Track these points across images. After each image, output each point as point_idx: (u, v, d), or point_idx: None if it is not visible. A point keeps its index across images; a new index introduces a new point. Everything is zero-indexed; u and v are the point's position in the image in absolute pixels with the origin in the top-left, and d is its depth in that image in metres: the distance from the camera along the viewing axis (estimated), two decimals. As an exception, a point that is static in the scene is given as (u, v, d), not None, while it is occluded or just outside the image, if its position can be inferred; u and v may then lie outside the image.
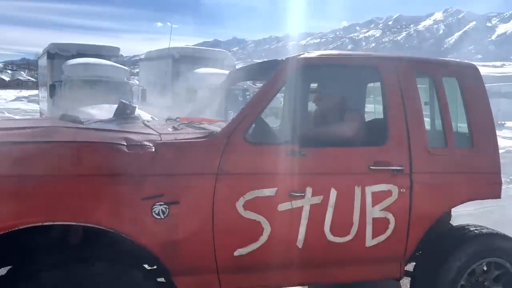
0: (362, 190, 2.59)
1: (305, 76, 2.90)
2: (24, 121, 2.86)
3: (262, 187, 2.42)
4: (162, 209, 2.26)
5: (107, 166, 2.21)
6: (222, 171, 2.37)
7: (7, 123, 2.73)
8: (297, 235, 2.50)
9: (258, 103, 2.52)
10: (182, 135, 2.50)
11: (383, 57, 2.87)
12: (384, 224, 2.65)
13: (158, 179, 2.27)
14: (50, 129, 2.43)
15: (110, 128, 2.64)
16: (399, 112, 2.72)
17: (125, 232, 2.21)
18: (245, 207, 2.39)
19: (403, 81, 2.76)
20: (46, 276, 2.04)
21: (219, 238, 2.37)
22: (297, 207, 2.49)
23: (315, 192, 2.51)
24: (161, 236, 2.27)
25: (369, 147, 2.69)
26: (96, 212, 2.15)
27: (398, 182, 2.66)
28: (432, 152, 2.76)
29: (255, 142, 2.49)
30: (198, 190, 2.32)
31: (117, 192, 2.19)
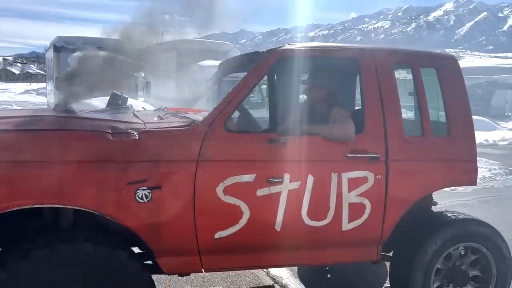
0: (338, 176, 2.70)
1: (285, 68, 3.01)
2: (17, 111, 3.01)
3: (241, 173, 2.55)
4: (145, 194, 2.40)
5: (93, 152, 2.35)
6: (203, 157, 2.50)
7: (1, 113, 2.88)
8: (275, 219, 2.63)
9: (238, 94, 2.63)
10: (165, 124, 2.63)
11: (361, 49, 2.97)
12: (360, 209, 2.77)
13: (141, 165, 2.41)
14: (38, 118, 2.57)
15: (98, 117, 2.78)
16: (376, 102, 2.82)
17: (110, 215, 2.35)
18: (225, 192, 2.52)
19: (381, 71, 2.86)
20: (35, 254, 2.19)
21: (200, 221, 2.51)
22: (276, 192, 2.61)
23: (292, 178, 2.63)
24: (145, 219, 2.41)
25: None
26: (82, 196, 2.30)
27: (374, 169, 2.77)
28: (409, 140, 2.86)
29: (234, 130, 2.62)
30: (180, 175, 2.46)
31: (102, 177, 2.33)
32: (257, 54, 2.88)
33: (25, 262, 2.17)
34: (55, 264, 2.22)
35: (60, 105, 3.15)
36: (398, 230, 2.97)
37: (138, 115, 2.99)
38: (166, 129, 2.52)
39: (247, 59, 3.21)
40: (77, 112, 3.14)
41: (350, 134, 2.74)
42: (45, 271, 2.19)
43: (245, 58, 3.29)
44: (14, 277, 2.15)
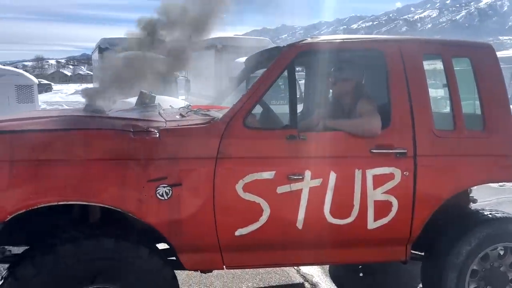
0: (362, 173, 2.61)
1: (307, 63, 2.94)
2: (46, 112, 3.13)
3: (261, 170, 2.52)
4: (165, 191, 2.42)
5: (114, 150, 2.40)
6: (222, 155, 2.49)
7: (32, 113, 3.01)
8: (296, 216, 2.58)
9: (257, 90, 2.60)
10: (185, 122, 2.65)
11: (386, 40, 2.84)
12: (387, 207, 2.66)
13: (161, 163, 2.43)
14: (64, 118, 2.66)
15: (121, 116, 2.84)
16: (402, 94, 2.70)
17: (131, 212, 2.40)
18: (245, 189, 2.50)
19: (408, 63, 2.73)
20: (60, 250, 2.27)
21: (220, 218, 2.51)
22: (296, 190, 2.56)
23: (314, 175, 2.57)
24: (165, 216, 2.44)
25: None
26: (104, 193, 2.36)
27: (401, 165, 2.65)
28: (439, 134, 2.72)
29: (254, 127, 2.59)
30: (199, 173, 2.46)
31: (123, 175, 2.38)
32: (279, 49, 2.84)
33: (51, 257, 2.26)
34: (79, 259, 2.29)
35: (90, 105, 3.25)
36: (430, 228, 2.83)
37: (162, 114, 3.03)
38: (185, 127, 2.54)
39: (271, 54, 3.16)
40: (106, 111, 3.23)
41: (376, 129, 2.64)
42: (69, 266, 2.27)
43: (269, 53, 3.24)
44: (40, 272, 2.24)
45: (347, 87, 3.02)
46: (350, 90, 3.02)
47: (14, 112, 6.65)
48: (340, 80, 3.03)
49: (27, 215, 2.34)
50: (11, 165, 2.27)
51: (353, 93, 3.01)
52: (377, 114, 2.70)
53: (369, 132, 2.64)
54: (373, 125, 2.64)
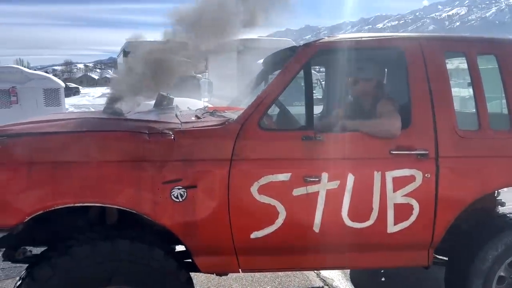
0: (382, 175, 2.53)
1: (324, 62, 2.88)
2: (64, 114, 3.17)
3: (276, 172, 2.47)
4: (180, 193, 2.41)
5: (130, 152, 2.40)
6: (237, 156, 2.46)
7: (50, 116, 3.06)
8: (313, 219, 2.53)
9: (272, 91, 2.56)
10: (200, 123, 2.63)
11: (406, 37, 2.75)
12: (407, 211, 2.57)
13: (176, 165, 2.42)
14: (81, 120, 2.68)
15: (138, 118, 2.84)
16: (424, 93, 2.61)
17: (146, 213, 2.39)
18: (260, 191, 2.46)
19: (429, 61, 2.64)
20: (77, 251, 2.29)
21: (236, 221, 2.48)
22: (313, 192, 2.51)
23: (331, 177, 2.51)
24: (180, 218, 2.43)
25: None
26: (120, 195, 2.36)
27: (423, 167, 2.56)
28: (462, 135, 2.61)
29: (269, 128, 2.56)
30: (213, 175, 2.44)
31: (139, 177, 2.38)
32: (295, 49, 2.79)
33: (67, 258, 2.27)
34: (94, 260, 2.30)
35: (109, 107, 3.28)
36: (454, 233, 2.73)
37: (178, 115, 3.03)
38: (199, 129, 2.52)
39: (289, 54, 3.12)
40: (125, 113, 3.25)
41: (395, 130, 2.56)
42: (85, 267, 2.28)
43: (286, 53, 3.20)
44: (57, 272, 2.26)
45: (368, 87, 2.94)
46: (370, 91, 2.94)
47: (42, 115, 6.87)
48: (360, 80, 2.95)
49: (47, 215, 2.37)
50: (29, 167, 2.30)
51: (374, 93, 2.93)
52: (397, 114, 2.61)
53: (388, 133, 2.56)
54: (392, 125, 2.56)
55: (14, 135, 2.41)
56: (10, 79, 10.56)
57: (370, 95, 2.94)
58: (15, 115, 9.42)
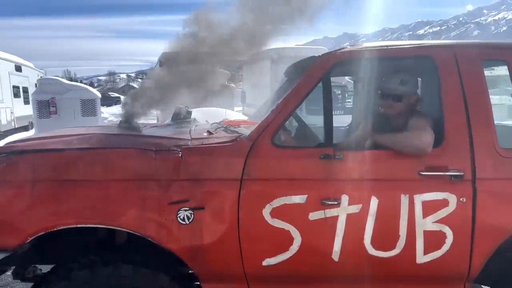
0: (410, 199, 2.26)
1: (345, 74, 2.64)
2: (73, 129, 3.09)
3: (291, 194, 2.26)
4: (187, 215, 2.25)
5: (134, 170, 2.27)
6: (248, 176, 2.27)
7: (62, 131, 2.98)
8: (332, 247, 2.29)
9: (287, 104, 2.36)
10: (211, 140, 2.46)
11: (438, 45, 2.47)
12: (439, 239, 2.29)
13: (183, 184, 2.26)
14: (90, 136, 2.58)
15: (148, 134, 2.71)
16: (458, 107, 2.33)
17: (151, 236, 2.24)
18: (273, 214, 2.26)
19: (464, 70, 2.35)
20: (76, 275, 2.17)
21: (246, 246, 2.28)
22: (332, 217, 2.27)
23: (352, 200, 2.27)
24: (187, 242, 2.26)
25: None
26: (123, 216, 2.22)
27: (457, 190, 2.27)
28: (504, 154, 2.30)
29: (283, 145, 2.35)
30: (222, 196, 2.26)
31: (143, 197, 2.24)
32: (313, 59, 2.58)
33: (66, 283, 2.16)
34: (94, 286, 2.17)
35: (125, 121, 3.18)
36: (496, 264, 2.40)
37: (192, 131, 2.88)
38: (208, 146, 2.35)
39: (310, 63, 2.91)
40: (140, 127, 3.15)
41: (425, 145, 2.27)
42: (85, 292, 2.16)
43: (307, 63, 2.99)
44: None
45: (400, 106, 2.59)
46: (403, 108, 2.60)
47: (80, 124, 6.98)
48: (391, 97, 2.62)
49: (56, 234, 2.27)
50: (32, 185, 2.21)
51: (405, 110, 2.60)
52: (429, 129, 2.34)
53: (416, 149, 2.28)
54: (422, 140, 2.28)
55: (19, 152, 2.33)
56: (50, 90, 10.90)
57: (404, 110, 2.63)
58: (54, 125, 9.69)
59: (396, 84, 2.56)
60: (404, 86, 2.56)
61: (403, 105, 2.59)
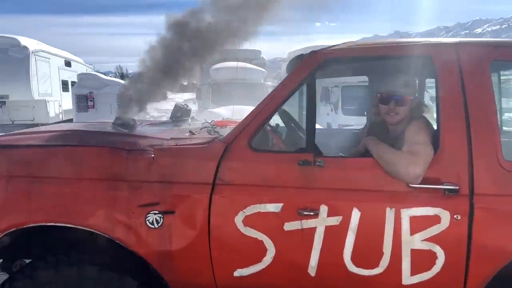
0: (396, 213, 2.04)
1: (333, 73, 2.44)
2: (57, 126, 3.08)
3: (265, 201, 2.11)
4: (156, 218, 2.15)
5: (105, 170, 2.20)
6: (220, 180, 2.14)
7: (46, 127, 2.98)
8: (308, 261, 2.11)
9: (268, 105, 2.20)
10: (187, 141, 2.35)
11: (439, 44, 2.22)
12: (429, 259, 2.05)
13: (154, 186, 2.17)
14: (66, 133, 2.54)
15: (125, 133, 2.63)
16: (457, 112, 2.07)
17: (119, 239, 2.17)
18: (245, 223, 2.12)
19: (467, 72, 2.09)
20: (41, 274, 2.13)
21: (217, 254, 2.16)
22: (309, 228, 2.10)
23: (331, 211, 2.08)
24: (155, 247, 2.17)
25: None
26: (91, 216, 2.16)
27: (451, 206, 2.02)
28: (509, 168, 2.02)
29: (261, 149, 2.20)
30: (193, 200, 2.14)
31: (113, 197, 2.16)
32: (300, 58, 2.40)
33: (30, 281, 2.13)
34: (58, 286, 2.12)
35: (120, 117, 3.14)
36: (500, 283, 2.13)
37: (178, 130, 2.78)
38: (180, 147, 2.24)
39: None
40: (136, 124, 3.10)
41: (413, 178, 2.02)
42: (49, 292, 2.11)
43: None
44: None
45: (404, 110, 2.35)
46: (406, 113, 2.36)
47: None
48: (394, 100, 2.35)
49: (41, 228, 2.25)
50: (7, 181, 2.20)
51: (407, 116, 2.36)
52: (424, 152, 2.05)
53: (402, 178, 2.05)
54: (411, 171, 2.01)
55: (-4, 147, 2.32)
56: (89, 85, 11.26)
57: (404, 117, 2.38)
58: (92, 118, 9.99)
59: (399, 85, 2.33)
60: (407, 88, 2.33)
61: (406, 109, 2.35)
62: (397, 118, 2.35)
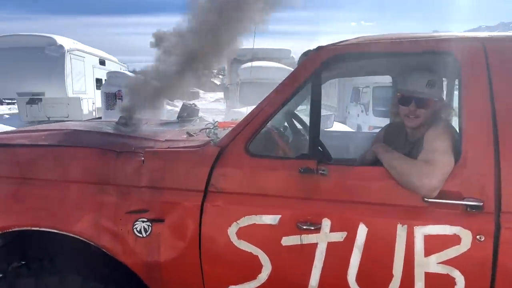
0: (409, 230, 1.79)
1: (342, 72, 2.20)
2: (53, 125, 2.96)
3: (261, 212, 1.91)
4: (144, 227, 1.99)
5: (94, 173, 2.06)
6: (213, 188, 1.96)
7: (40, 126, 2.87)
8: (308, 280, 1.89)
9: (267, 107, 2.00)
10: (181, 143, 2.17)
11: (464, 38, 1.94)
12: (446, 284, 1.78)
13: (143, 192, 2.01)
14: (58, 132, 2.41)
15: (119, 133, 2.48)
16: (483, 116, 1.80)
17: (105, 247, 2.02)
18: (239, 235, 1.92)
19: (496, 70, 1.81)
20: (22, 283, 2.01)
21: (208, 269, 1.97)
22: (309, 244, 1.88)
23: (335, 226, 1.85)
24: (143, 257, 2.00)
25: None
26: (77, 222, 2.02)
27: (473, 225, 1.75)
28: (543, 181, 1.73)
29: (258, 154, 1.99)
30: (183, 208, 1.97)
31: (100, 202, 2.02)
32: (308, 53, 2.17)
33: (10, 290, 2.01)
34: (40, 296, 2.00)
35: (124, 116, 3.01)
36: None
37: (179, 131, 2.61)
38: (172, 150, 2.06)
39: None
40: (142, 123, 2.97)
41: (428, 191, 1.76)
42: (29, 302, 1.99)
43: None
44: None
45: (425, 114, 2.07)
46: (428, 116, 2.08)
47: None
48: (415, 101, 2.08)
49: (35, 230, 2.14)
50: None
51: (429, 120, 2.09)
52: (444, 161, 1.78)
53: (415, 190, 1.79)
54: (425, 183, 1.75)
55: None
56: (117, 83, 11.34)
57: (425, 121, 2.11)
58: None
59: (422, 85, 2.06)
60: (432, 88, 2.05)
61: (429, 112, 2.08)
62: (417, 122, 2.08)
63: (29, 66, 14.35)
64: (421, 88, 2.03)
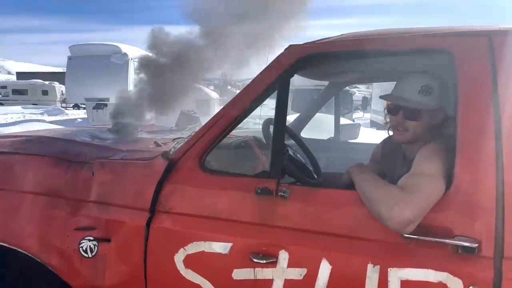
0: (381, 272, 1.42)
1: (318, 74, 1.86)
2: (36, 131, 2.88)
3: (210, 238, 1.63)
4: (90, 246, 1.79)
5: (46, 183, 1.91)
6: (161, 207, 1.71)
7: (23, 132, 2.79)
8: (261, 322, 1.58)
9: (226, 115, 1.72)
10: (138, 154, 1.95)
11: (461, 32, 1.52)
12: None
13: (91, 208, 1.82)
14: (25, 139, 2.29)
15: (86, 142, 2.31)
16: (483, 128, 1.39)
17: (51, 265, 1.85)
18: (186, 263, 1.66)
19: (500, 68, 1.40)
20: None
21: (154, 298, 1.73)
22: (263, 280, 1.57)
23: (294, 260, 1.53)
24: (87, 280, 1.81)
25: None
26: (25, 236, 1.88)
27: (465, 272, 1.35)
28: None
29: (214, 170, 1.72)
30: (128, 228, 1.74)
31: (49, 217, 1.86)
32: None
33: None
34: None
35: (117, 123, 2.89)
36: None
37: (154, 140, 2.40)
38: (122, 162, 1.85)
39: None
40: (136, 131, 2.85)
41: (401, 225, 1.35)
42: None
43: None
44: None
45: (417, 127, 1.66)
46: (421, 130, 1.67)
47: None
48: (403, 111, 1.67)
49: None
50: None
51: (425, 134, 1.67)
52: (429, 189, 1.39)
53: (386, 221, 1.38)
54: (399, 212, 1.34)
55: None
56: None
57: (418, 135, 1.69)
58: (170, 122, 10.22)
59: (413, 92, 1.65)
60: (426, 96, 1.64)
61: (421, 125, 1.67)
62: (406, 136, 1.68)
63: (97, 73, 15.16)
64: (411, 95, 1.63)
